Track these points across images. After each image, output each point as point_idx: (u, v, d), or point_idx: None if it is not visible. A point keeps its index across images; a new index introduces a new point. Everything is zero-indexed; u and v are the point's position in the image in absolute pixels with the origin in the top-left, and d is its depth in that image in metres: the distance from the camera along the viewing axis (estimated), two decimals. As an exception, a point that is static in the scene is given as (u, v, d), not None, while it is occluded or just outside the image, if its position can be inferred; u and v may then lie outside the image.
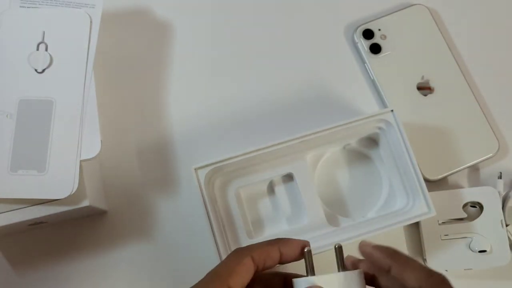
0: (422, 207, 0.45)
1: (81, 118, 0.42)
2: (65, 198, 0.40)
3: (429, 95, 0.52)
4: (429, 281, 0.32)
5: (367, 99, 0.52)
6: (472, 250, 0.47)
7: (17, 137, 0.40)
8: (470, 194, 0.48)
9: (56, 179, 0.40)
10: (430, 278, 0.32)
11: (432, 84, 0.52)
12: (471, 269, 0.47)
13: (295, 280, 0.35)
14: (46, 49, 0.43)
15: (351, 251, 0.38)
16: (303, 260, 0.36)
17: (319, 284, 0.33)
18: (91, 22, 0.44)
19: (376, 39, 0.53)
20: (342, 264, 0.35)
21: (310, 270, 0.35)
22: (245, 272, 0.34)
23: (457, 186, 0.51)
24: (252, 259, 0.34)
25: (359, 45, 0.53)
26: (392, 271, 0.33)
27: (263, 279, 0.37)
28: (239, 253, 0.35)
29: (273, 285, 0.37)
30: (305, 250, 0.35)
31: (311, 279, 0.34)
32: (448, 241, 0.47)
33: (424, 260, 0.47)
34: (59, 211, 0.41)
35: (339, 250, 0.35)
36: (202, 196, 0.44)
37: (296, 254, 0.36)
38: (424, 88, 0.52)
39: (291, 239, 0.36)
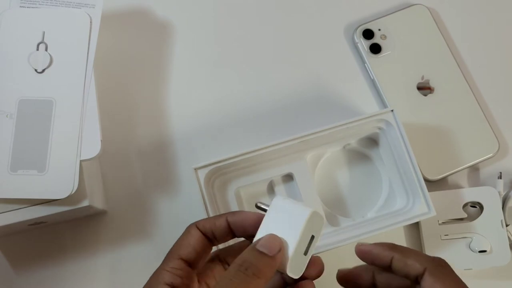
0: (422, 207, 0.45)
1: (81, 118, 0.42)
2: (65, 198, 0.40)
3: (429, 95, 0.52)
4: (432, 264, 0.33)
5: (367, 99, 0.52)
6: (472, 250, 0.47)
7: (17, 137, 0.40)
8: (470, 194, 0.48)
9: (56, 179, 0.40)
10: (432, 261, 0.33)
11: (432, 84, 0.52)
12: (471, 269, 0.47)
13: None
14: (46, 49, 0.43)
15: (351, 251, 0.37)
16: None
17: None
18: (91, 22, 0.44)
19: (376, 39, 0.53)
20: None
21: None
22: (193, 241, 0.35)
23: (457, 186, 0.50)
24: (197, 228, 0.35)
25: (359, 45, 0.53)
26: (394, 262, 0.34)
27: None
28: (187, 227, 0.36)
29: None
30: (256, 204, 0.36)
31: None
32: (448, 241, 0.47)
33: (424, 260, 0.47)
34: (59, 211, 0.41)
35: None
36: (202, 196, 0.44)
37: (245, 224, 0.35)
38: (424, 88, 0.52)
39: (242, 211, 0.37)
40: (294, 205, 0.34)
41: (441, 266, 0.33)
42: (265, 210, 0.35)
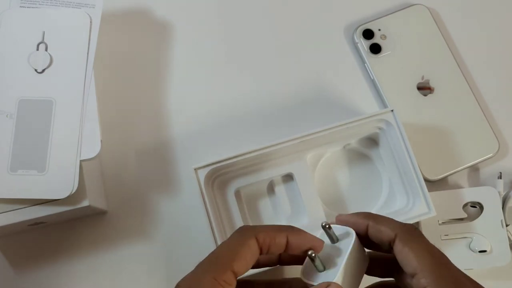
0: (422, 207, 0.45)
1: (81, 118, 0.42)
2: (65, 198, 0.40)
3: (429, 95, 0.52)
4: (403, 229, 0.34)
5: (367, 99, 0.52)
6: (472, 250, 0.47)
7: (17, 137, 0.40)
8: (470, 194, 0.48)
9: (56, 179, 0.40)
10: (403, 227, 0.34)
11: (432, 84, 0.52)
12: (471, 269, 0.47)
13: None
14: (46, 49, 0.43)
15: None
16: None
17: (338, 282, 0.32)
18: (91, 22, 0.44)
19: (376, 39, 0.53)
20: (336, 237, 0.35)
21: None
22: (250, 255, 0.31)
23: (457, 186, 0.50)
24: (257, 240, 0.31)
25: (359, 45, 0.53)
26: (369, 229, 0.34)
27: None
28: (244, 233, 0.32)
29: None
30: (309, 253, 0.33)
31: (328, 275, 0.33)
32: (448, 241, 0.47)
33: (424, 260, 0.47)
34: (59, 211, 0.41)
35: (328, 228, 0.35)
36: (202, 196, 0.44)
37: (302, 248, 0.33)
38: (424, 88, 0.52)
39: (303, 231, 0.34)
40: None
41: (410, 232, 0.33)
42: (330, 235, 0.35)
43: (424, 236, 0.34)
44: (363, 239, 0.35)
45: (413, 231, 0.34)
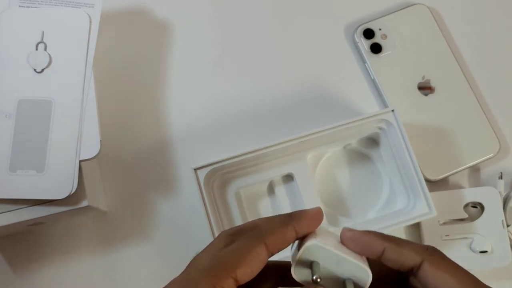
0: (423, 207, 0.45)
1: (80, 118, 0.41)
2: (64, 198, 0.40)
3: (429, 95, 0.52)
4: (429, 252, 0.32)
5: (367, 99, 0.52)
6: (473, 251, 0.47)
7: (16, 137, 0.40)
8: (471, 194, 0.48)
9: (55, 180, 0.40)
10: (428, 249, 0.32)
11: (432, 84, 0.52)
12: (472, 269, 0.47)
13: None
14: (45, 49, 0.42)
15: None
16: None
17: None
18: (90, 22, 0.44)
19: (376, 39, 0.53)
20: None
21: None
22: (256, 262, 0.29)
23: (458, 187, 0.50)
24: (266, 246, 0.29)
25: (359, 44, 0.53)
26: (388, 252, 0.31)
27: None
28: (251, 239, 0.30)
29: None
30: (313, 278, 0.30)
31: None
32: (449, 241, 0.47)
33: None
34: (59, 212, 0.41)
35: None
36: (202, 196, 0.44)
37: (311, 229, 0.31)
38: (425, 88, 0.52)
39: (303, 211, 0.32)
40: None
41: (437, 254, 0.32)
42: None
43: (447, 256, 0.32)
44: (372, 261, 0.32)
45: (439, 253, 0.32)
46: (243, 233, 0.31)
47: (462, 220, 0.48)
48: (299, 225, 0.31)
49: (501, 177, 0.49)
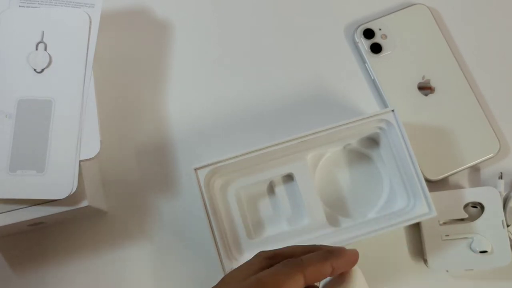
0: (423, 207, 0.45)
1: (80, 118, 0.41)
2: (64, 198, 0.40)
3: (429, 95, 0.52)
4: None
5: (367, 99, 0.52)
6: (473, 251, 0.47)
7: (16, 137, 0.40)
8: (471, 194, 0.48)
9: (55, 179, 0.40)
10: None
11: (432, 84, 0.52)
12: (472, 269, 0.47)
13: None
14: (45, 49, 0.43)
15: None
16: None
17: None
18: (90, 21, 0.44)
19: (376, 39, 0.53)
20: None
21: None
22: None
23: (458, 187, 0.50)
24: (304, 276, 0.30)
25: (359, 44, 0.53)
26: None
27: None
28: (291, 266, 0.31)
29: None
30: None
31: None
32: (449, 241, 0.47)
33: (425, 260, 0.47)
34: (59, 211, 0.41)
35: None
36: (202, 196, 0.44)
37: (347, 268, 0.33)
38: (425, 88, 0.52)
39: (342, 250, 0.33)
40: None
41: None
42: None
43: None
44: None
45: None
46: (281, 258, 0.32)
47: (462, 220, 0.48)
48: (336, 262, 0.32)
49: (501, 177, 0.49)
